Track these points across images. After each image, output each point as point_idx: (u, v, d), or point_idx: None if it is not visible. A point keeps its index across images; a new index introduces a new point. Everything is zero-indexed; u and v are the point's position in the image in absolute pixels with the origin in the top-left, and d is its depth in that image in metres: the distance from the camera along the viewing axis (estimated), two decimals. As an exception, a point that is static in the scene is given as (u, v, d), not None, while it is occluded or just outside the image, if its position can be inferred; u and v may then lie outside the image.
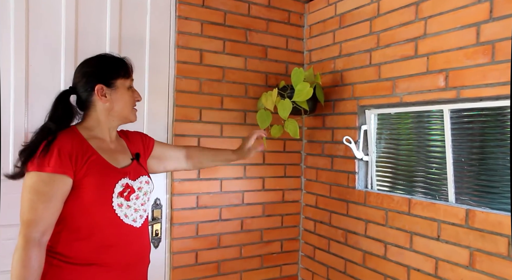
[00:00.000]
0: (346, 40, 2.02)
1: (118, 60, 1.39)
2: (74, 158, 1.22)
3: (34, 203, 1.17)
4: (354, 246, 1.96)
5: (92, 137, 1.33)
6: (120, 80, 1.35)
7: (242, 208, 2.15)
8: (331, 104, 2.13)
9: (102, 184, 1.27)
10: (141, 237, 1.38)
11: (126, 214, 1.32)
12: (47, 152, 1.19)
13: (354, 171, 1.98)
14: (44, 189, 1.17)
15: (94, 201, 1.25)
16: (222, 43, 2.07)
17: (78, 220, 1.24)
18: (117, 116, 1.37)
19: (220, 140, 2.07)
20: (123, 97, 1.36)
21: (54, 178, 1.18)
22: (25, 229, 1.16)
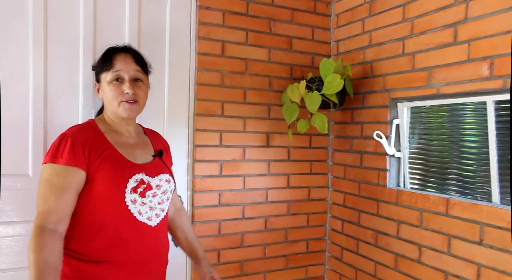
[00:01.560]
0: (377, 29, 1.89)
1: (105, 53, 1.33)
2: (88, 151, 1.20)
3: (47, 194, 1.15)
4: (385, 248, 1.84)
5: (110, 131, 1.31)
6: (103, 74, 1.30)
7: (266, 206, 2.07)
8: (360, 97, 2.01)
9: (115, 179, 1.23)
10: (156, 236, 1.32)
11: (140, 211, 1.26)
12: (61, 144, 1.18)
13: (385, 168, 1.86)
14: (57, 181, 1.16)
15: (106, 195, 1.22)
16: (244, 34, 1.98)
17: (90, 215, 1.21)
18: (110, 112, 1.32)
19: (243, 135, 1.99)
20: (105, 93, 1.30)
21: (67, 170, 1.16)
22: (37, 219, 1.14)
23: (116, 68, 1.28)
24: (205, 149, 1.91)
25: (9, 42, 1.55)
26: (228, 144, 1.96)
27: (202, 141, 1.90)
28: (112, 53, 1.31)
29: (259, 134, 2.03)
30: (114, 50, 1.32)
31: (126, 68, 1.29)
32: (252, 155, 2.02)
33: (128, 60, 1.31)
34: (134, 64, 1.31)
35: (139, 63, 1.33)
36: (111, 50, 1.32)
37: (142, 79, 1.33)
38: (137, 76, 1.31)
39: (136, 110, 1.31)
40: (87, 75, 1.65)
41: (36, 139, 1.59)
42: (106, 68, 1.29)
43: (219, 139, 1.94)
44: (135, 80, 1.30)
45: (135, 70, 1.31)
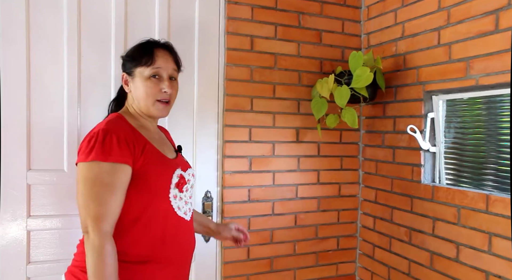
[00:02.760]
0: (410, 19, 1.83)
1: (144, 46, 1.28)
2: (132, 147, 1.15)
3: (101, 195, 1.09)
4: (419, 246, 1.79)
5: (140, 126, 1.27)
6: (139, 68, 1.24)
7: (295, 202, 2.04)
8: (393, 90, 1.95)
9: (161, 174, 1.21)
10: (191, 230, 1.33)
11: (179, 206, 1.26)
12: (106, 140, 1.12)
13: (420, 164, 1.80)
14: (109, 180, 1.10)
15: (154, 191, 1.19)
16: (273, 28, 1.96)
17: (135, 212, 1.17)
18: (139, 107, 1.27)
19: (273, 131, 1.97)
20: (140, 87, 1.24)
21: (117, 167, 1.11)
22: (96, 223, 1.07)
23: (157, 65, 1.24)
24: (235, 144, 1.91)
25: (43, 40, 1.59)
26: (257, 140, 1.95)
27: (232, 136, 1.90)
28: (153, 47, 1.27)
29: (288, 129, 2.01)
30: (154, 45, 1.28)
31: (166, 66, 1.26)
32: (282, 150, 2.00)
33: (168, 58, 1.28)
34: (173, 63, 1.29)
35: (177, 62, 1.32)
36: (151, 44, 1.28)
37: (176, 78, 1.32)
38: (173, 75, 1.29)
39: (168, 110, 1.30)
40: (118, 72, 1.67)
41: (71, 135, 1.63)
42: (146, 63, 1.24)
43: (248, 134, 1.93)
44: (170, 79, 1.28)
45: (173, 69, 1.29)
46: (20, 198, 1.57)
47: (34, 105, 1.58)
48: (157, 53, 1.26)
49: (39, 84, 1.59)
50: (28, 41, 1.57)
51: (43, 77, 1.59)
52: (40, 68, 1.59)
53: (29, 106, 1.58)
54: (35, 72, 1.58)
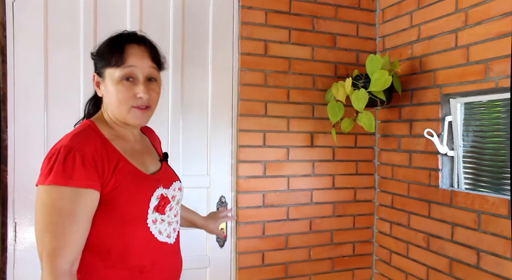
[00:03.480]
0: (426, 22, 1.81)
1: (113, 41, 1.06)
2: (101, 167, 0.97)
3: (59, 226, 0.91)
4: (438, 252, 1.75)
5: (115, 137, 1.08)
6: (109, 69, 1.04)
7: (310, 207, 2.02)
8: (409, 93, 1.93)
9: (136, 198, 1.03)
10: (175, 253, 1.17)
11: (160, 231, 1.09)
12: (67, 160, 0.93)
13: (437, 168, 1.77)
14: (69, 207, 0.92)
15: (127, 219, 1.02)
16: (287, 33, 1.95)
17: (107, 242, 1.01)
18: (112, 112, 1.07)
19: (287, 135, 1.96)
20: (110, 92, 1.04)
21: (79, 193, 0.93)
22: (51, 260, 0.90)
23: (128, 64, 1.03)
24: (249, 149, 1.90)
25: (61, 46, 1.61)
26: (271, 145, 1.94)
27: (246, 141, 1.89)
28: (123, 42, 1.05)
29: (303, 134, 1.99)
30: (125, 39, 1.06)
31: (141, 64, 1.04)
32: (296, 155, 1.99)
33: (143, 55, 1.06)
34: (150, 60, 1.07)
35: (155, 59, 1.09)
36: (121, 39, 1.06)
37: (157, 78, 1.10)
38: (152, 75, 1.07)
39: (148, 117, 1.09)
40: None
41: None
42: (116, 63, 1.02)
43: (262, 139, 1.92)
44: (148, 80, 1.07)
45: (151, 67, 1.07)
46: (37, 203, 1.58)
47: (52, 110, 1.60)
48: (129, 49, 1.04)
49: (56, 90, 1.61)
50: (46, 47, 1.59)
51: (60, 82, 1.61)
52: (57, 73, 1.61)
53: (47, 112, 1.60)
54: (52, 77, 1.60)
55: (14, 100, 1.56)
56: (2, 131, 1.54)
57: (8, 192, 1.55)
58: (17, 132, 1.56)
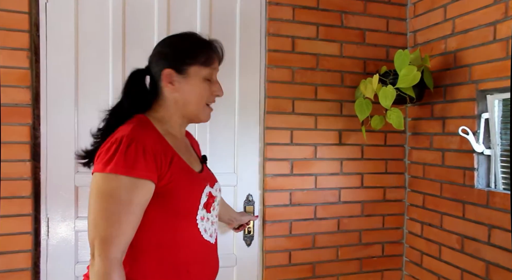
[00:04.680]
0: (461, 15, 1.73)
1: (200, 42, 1.12)
2: (159, 159, 0.99)
3: (115, 214, 0.93)
4: (473, 255, 1.68)
5: (167, 133, 1.10)
6: (196, 67, 1.08)
7: (338, 207, 1.98)
8: (442, 90, 1.86)
9: (191, 193, 1.06)
10: (215, 254, 1.18)
11: (206, 229, 1.11)
12: (130, 150, 0.94)
13: (473, 167, 1.70)
14: (126, 197, 0.93)
15: (181, 213, 1.04)
16: (315, 29, 1.92)
17: (157, 236, 1.02)
18: (185, 111, 1.11)
19: (314, 133, 1.93)
20: (194, 89, 1.09)
21: (138, 183, 0.94)
22: (105, 248, 0.91)
23: (214, 65, 1.12)
24: (276, 147, 1.88)
25: (90, 46, 1.63)
26: (299, 142, 1.91)
27: (273, 139, 1.87)
28: (210, 45, 1.13)
29: (331, 131, 1.96)
30: (211, 43, 1.14)
31: (217, 68, 1.15)
32: (324, 153, 1.95)
33: (219, 58, 1.16)
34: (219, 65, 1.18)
35: None
36: (208, 42, 1.14)
37: None
38: None
39: None
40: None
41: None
42: (204, 63, 1.09)
43: (289, 137, 1.90)
44: None
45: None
46: (68, 200, 1.61)
47: (82, 109, 1.63)
48: (214, 53, 1.13)
49: (86, 88, 1.64)
50: (77, 46, 1.62)
51: (90, 81, 1.64)
52: (87, 72, 1.63)
53: (77, 110, 1.63)
54: (82, 76, 1.63)
55: (47, 98, 1.59)
56: (35, 129, 1.58)
57: (41, 188, 1.59)
58: (49, 130, 1.59)
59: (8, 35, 1.53)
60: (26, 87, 1.55)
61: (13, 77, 1.54)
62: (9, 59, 1.53)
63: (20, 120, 1.55)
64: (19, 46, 1.54)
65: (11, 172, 1.54)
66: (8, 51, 1.53)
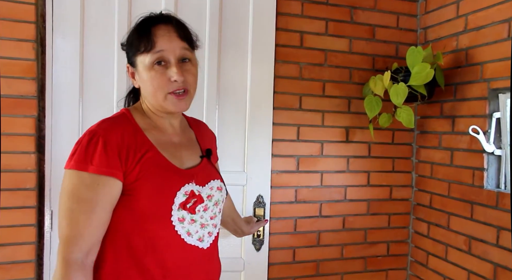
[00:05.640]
0: (474, 11, 1.69)
1: (139, 27, 1.00)
2: (125, 155, 0.92)
3: (74, 213, 0.88)
4: (481, 257, 1.65)
5: (151, 127, 1.03)
6: (139, 56, 0.98)
7: (344, 205, 1.96)
8: (452, 88, 1.82)
9: (159, 192, 0.95)
10: (209, 260, 1.06)
11: (189, 232, 1.00)
12: (90, 145, 0.90)
13: (482, 167, 1.67)
14: (86, 194, 0.88)
15: (148, 213, 0.95)
16: (324, 24, 1.89)
17: (125, 237, 0.95)
18: (150, 101, 1.02)
19: (322, 130, 1.90)
20: (145, 80, 0.99)
21: (99, 180, 0.89)
22: (64, 248, 0.88)
23: (157, 48, 0.96)
24: (282, 143, 1.86)
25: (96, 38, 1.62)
26: (305, 139, 1.89)
27: (279, 135, 1.85)
28: (149, 25, 0.98)
29: (338, 128, 1.93)
30: (150, 21, 0.99)
31: (171, 46, 0.97)
32: (331, 150, 1.93)
33: (172, 35, 0.98)
34: (180, 40, 0.99)
35: (186, 38, 1.01)
36: (146, 22, 1.00)
37: (191, 58, 1.02)
38: (185, 56, 1.00)
39: (188, 102, 1.02)
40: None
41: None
42: (145, 48, 0.97)
43: (296, 133, 1.87)
44: (182, 61, 1.00)
45: (182, 48, 0.99)
46: (73, 193, 1.60)
47: (86, 101, 1.61)
48: (157, 32, 0.97)
49: (91, 80, 1.62)
50: (82, 38, 1.60)
51: (94, 73, 1.62)
52: (92, 64, 1.61)
53: (82, 102, 1.61)
54: (87, 68, 1.61)
55: (52, 90, 1.58)
56: (40, 121, 1.57)
57: (45, 181, 1.58)
58: (54, 122, 1.58)
59: (14, 26, 1.52)
60: (31, 79, 1.54)
61: (19, 69, 1.53)
62: (15, 50, 1.52)
63: (25, 112, 1.54)
64: (25, 38, 1.53)
65: (16, 164, 1.53)
66: (14, 42, 1.52)
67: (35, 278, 1.57)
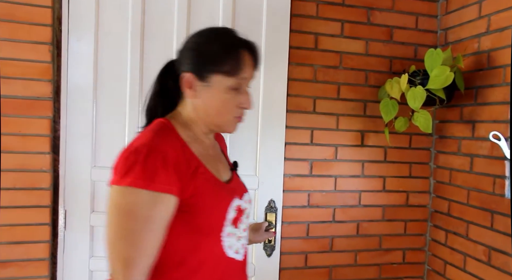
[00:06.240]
0: (498, 12, 1.62)
1: (228, 47, 0.96)
2: (180, 171, 0.87)
3: (135, 233, 0.82)
4: (501, 268, 1.58)
5: (192, 140, 0.98)
6: (219, 76, 0.94)
7: (358, 210, 1.92)
8: (473, 92, 1.76)
9: (215, 209, 0.94)
10: (243, 272, 1.06)
11: (230, 245, 0.98)
12: (149, 161, 0.84)
13: (504, 175, 1.59)
14: (147, 213, 0.83)
15: (204, 230, 0.93)
16: (340, 25, 1.85)
17: (180, 254, 0.92)
18: (206, 120, 0.99)
19: (336, 133, 1.87)
20: (215, 100, 0.96)
21: (159, 198, 0.84)
22: (125, 272, 0.82)
23: (242, 75, 0.95)
24: (295, 147, 1.83)
25: (109, 40, 1.63)
26: (319, 143, 1.86)
27: (292, 138, 1.82)
28: (238, 48, 0.96)
29: (353, 132, 1.89)
30: (241, 45, 0.97)
31: (251, 75, 0.99)
32: (345, 154, 1.89)
33: (252, 64, 0.99)
34: (255, 71, 1.01)
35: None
36: (237, 44, 0.97)
37: None
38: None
39: None
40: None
41: (132, 136, 1.64)
42: (230, 72, 0.94)
43: (310, 137, 1.84)
44: None
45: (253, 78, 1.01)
46: (85, 194, 1.63)
47: (100, 103, 1.63)
48: (245, 58, 0.96)
49: (104, 83, 1.64)
50: (97, 41, 1.62)
51: (108, 76, 1.64)
52: (106, 67, 1.63)
53: (96, 104, 1.63)
54: (101, 70, 1.63)
55: (67, 92, 1.60)
56: (55, 122, 1.60)
57: (59, 181, 1.61)
58: (69, 124, 1.61)
59: (31, 29, 1.55)
60: (47, 81, 1.57)
61: (35, 71, 1.56)
62: (32, 53, 1.55)
63: (41, 113, 1.57)
64: (42, 40, 1.56)
65: (32, 164, 1.57)
66: (31, 44, 1.55)
67: (49, 276, 1.60)
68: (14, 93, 1.54)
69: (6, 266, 1.55)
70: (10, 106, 1.53)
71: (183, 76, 0.97)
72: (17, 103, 1.54)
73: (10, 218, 1.55)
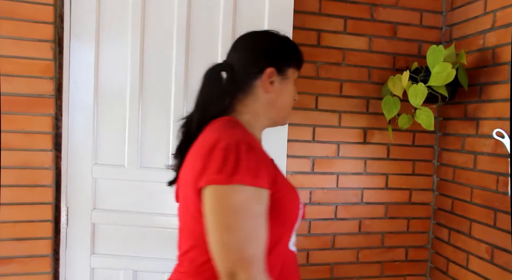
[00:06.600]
0: (504, 7, 1.60)
1: (295, 45, 1.08)
2: (268, 167, 0.88)
3: (255, 230, 0.81)
4: (503, 267, 1.57)
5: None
6: (292, 69, 1.03)
7: (360, 207, 1.91)
8: (477, 89, 1.74)
9: (294, 203, 0.95)
10: (297, 265, 1.07)
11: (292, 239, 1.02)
12: (251, 157, 0.83)
13: (507, 173, 1.58)
14: (259, 209, 0.82)
15: (288, 223, 0.94)
16: (342, 22, 1.84)
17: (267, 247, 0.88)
18: (275, 113, 1.02)
19: (338, 131, 1.86)
20: (289, 92, 1.03)
21: (261, 193, 0.83)
22: (250, 269, 0.78)
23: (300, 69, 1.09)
24: (297, 144, 1.83)
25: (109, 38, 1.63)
26: (321, 140, 1.85)
27: (294, 136, 1.82)
28: (299, 49, 1.08)
29: (355, 129, 1.88)
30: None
31: None
32: (347, 152, 1.88)
33: None
34: None
35: None
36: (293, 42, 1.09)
37: None
38: None
39: None
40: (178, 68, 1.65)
41: (132, 133, 1.64)
42: (299, 65, 1.06)
43: (311, 134, 1.84)
44: None
45: None
46: (86, 191, 1.63)
47: (100, 101, 1.63)
48: (303, 56, 1.09)
49: (105, 80, 1.63)
50: (98, 39, 1.61)
51: (108, 73, 1.63)
52: (106, 64, 1.63)
53: (97, 102, 1.63)
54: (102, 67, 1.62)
55: (69, 89, 1.61)
56: (57, 119, 1.61)
57: (61, 178, 1.62)
58: (70, 121, 1.61)
59: (33, 27, 1.55)
60: (49, 78, 1.57)
61: (37, 68, 1.56)
62: (34, 51, 1.55)
63: (43, 111, 1.57)
64: (44, 38, 1.56)
65: (34, 161, 1.57)
66: (33, 42, 1.55)
67: (51, 272, 1.61)
68: (16, 90, 1.54)
69: (9, 262, 1.56)
70: (13, 103, 1.54)
71: (266, 71, 0.98)
72: (20, 101, 1.55)
73: (13, 214, 1.56)
